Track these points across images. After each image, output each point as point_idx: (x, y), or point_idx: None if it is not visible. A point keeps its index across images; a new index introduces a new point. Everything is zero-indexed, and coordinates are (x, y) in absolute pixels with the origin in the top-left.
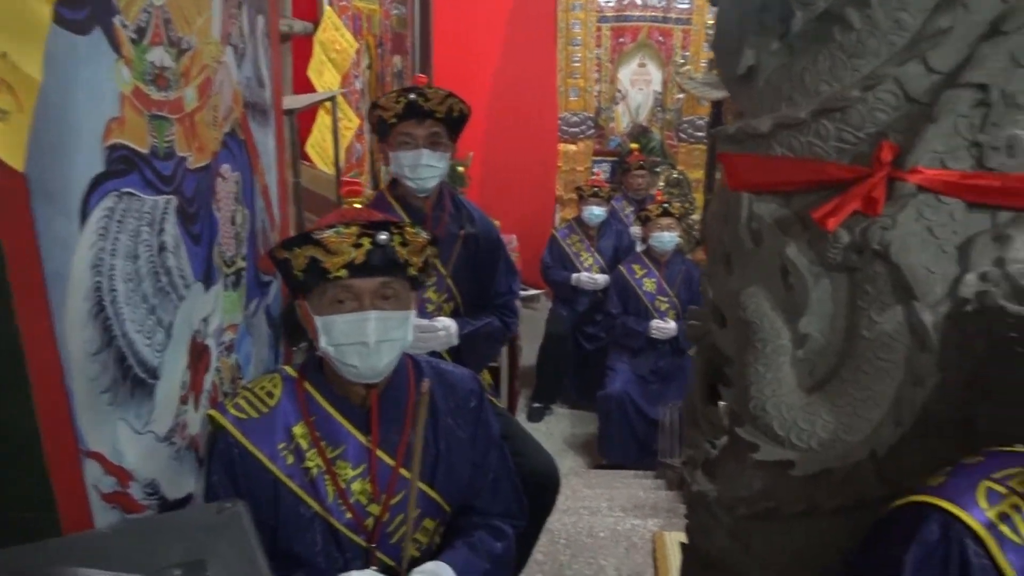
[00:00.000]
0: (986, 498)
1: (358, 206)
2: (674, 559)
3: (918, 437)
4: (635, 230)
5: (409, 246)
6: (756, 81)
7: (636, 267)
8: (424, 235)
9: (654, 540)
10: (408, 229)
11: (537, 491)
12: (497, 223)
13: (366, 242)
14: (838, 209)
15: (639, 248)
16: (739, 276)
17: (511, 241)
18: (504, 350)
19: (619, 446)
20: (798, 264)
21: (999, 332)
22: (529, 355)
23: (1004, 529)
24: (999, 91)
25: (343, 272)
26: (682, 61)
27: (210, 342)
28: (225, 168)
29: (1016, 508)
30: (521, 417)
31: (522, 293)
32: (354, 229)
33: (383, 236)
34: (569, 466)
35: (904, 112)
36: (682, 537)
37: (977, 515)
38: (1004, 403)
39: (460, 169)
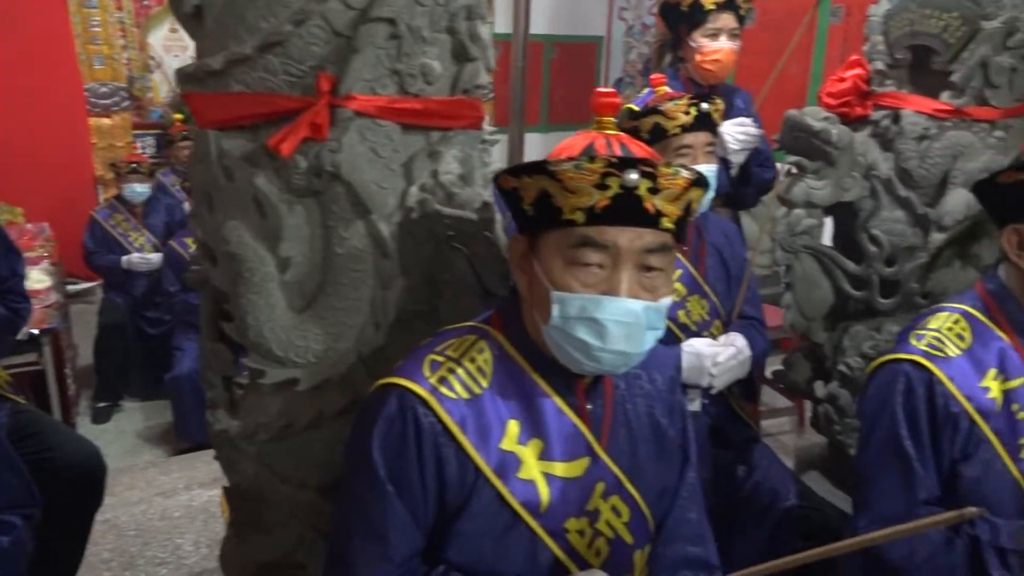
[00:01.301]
0: (429, 368)
1: None
2: None
3: (395, 333)
4: (188, 205)
5: None
6: (205, 20)
7: (189, 240)
8: None
9: (222, 503)
10: None
11: (79, 482)
12: (20, 210)
13: None
14: (289, 136)
15: None
16: (220, 212)
17: (43, 230)
18: (47, 350)
19: (197, 425)
20: (269, 194)
21: (440, 233)
22: (88, 353)
23: (443, 390)
24: (406, 25)
25: None
26: None
27: None
28: None
29: (451, 371)
30: (85, 421)
31: (71, 287)
32: None
33: None
34: (146, 459)
35: (335, 45)
36: None
37: (423, 383)
38: (454, 292)
39: None
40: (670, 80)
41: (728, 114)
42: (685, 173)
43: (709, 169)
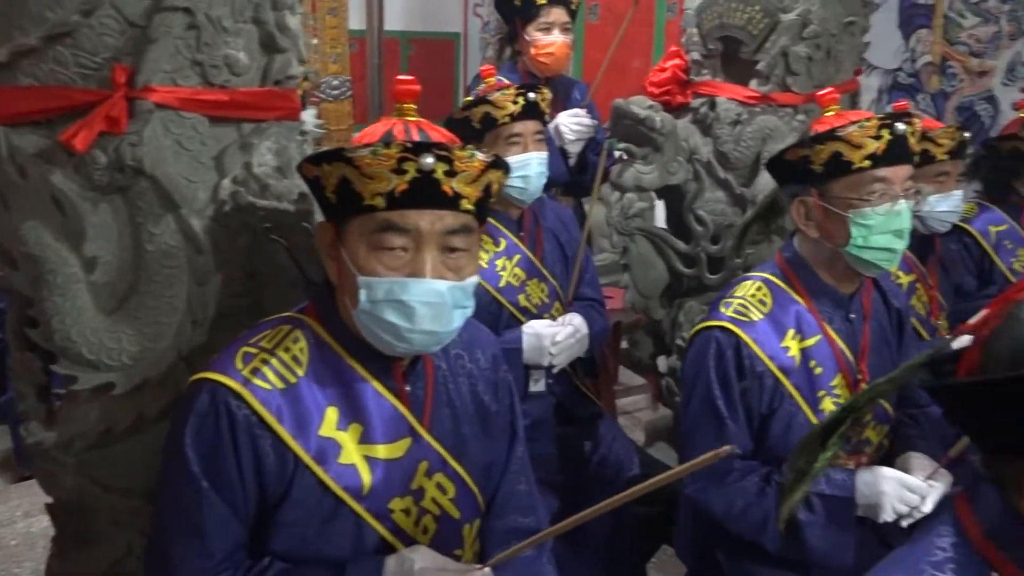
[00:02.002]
0: (242, 360)
1: None
2: None
3: (219, 330)
4: None
5: None
6: None
7: None
8: None
9: None
10: None
11: None
12: None
13: None
14: (83, 131)
15: None
16: (16, 213)
17: None
18: None
19: None
20: (68, 192)
21: (256, 225)
22: None
23: (257, 381)
24: (204, 15)
25: None
26: None
27: None
28: None
29: (265, 361)
30: None
31: None
32: None
33: None
34: None
35: (129, 35)
36: None
37: (235, 376)
38: (277, 285)
39: None
40: (508, 73)
41: (566, 105)
42: (481, 156)
43: (540, 156)
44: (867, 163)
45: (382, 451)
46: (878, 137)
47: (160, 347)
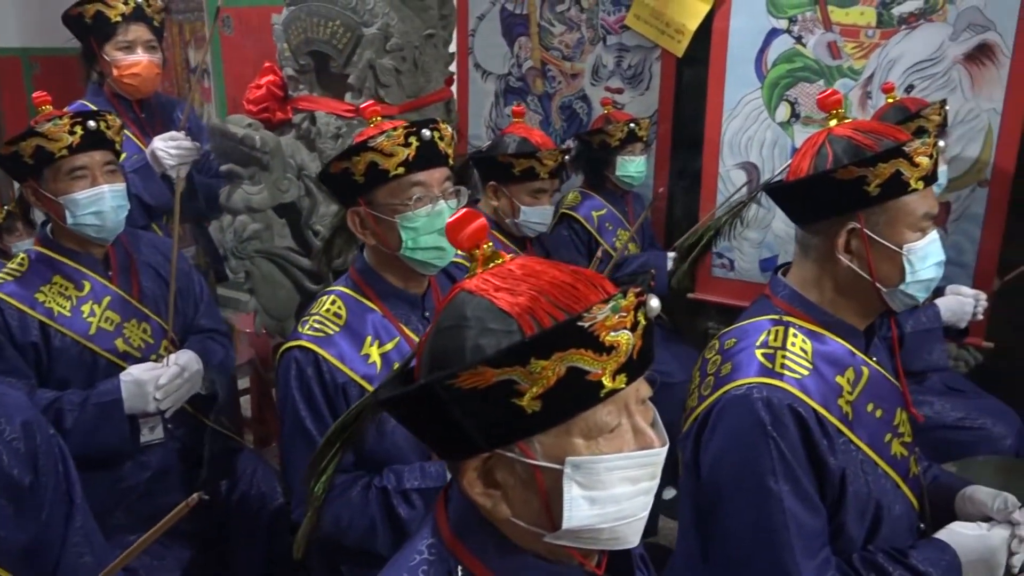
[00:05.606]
0: None
1: None
2: None
3: None
4: None
5: None
6: None
7: None
8: None
9: None
10: None
11: None
12: None
13: None
14: None
15: None
16: None
17: None
18: None
19: None
20: None
21: None
22: None
23: None
24: None
25: None
26: None
27: None
28: None
29: None
30: None
31: None
32: None
33: None
34: None
35: None
36: None
37: None
38: None
39: None
40: (93, 97)
41: (167, 128)
42: None
43: (114, 188)
44: (401, 170)
45: None
46: (407, 144)
47: None
